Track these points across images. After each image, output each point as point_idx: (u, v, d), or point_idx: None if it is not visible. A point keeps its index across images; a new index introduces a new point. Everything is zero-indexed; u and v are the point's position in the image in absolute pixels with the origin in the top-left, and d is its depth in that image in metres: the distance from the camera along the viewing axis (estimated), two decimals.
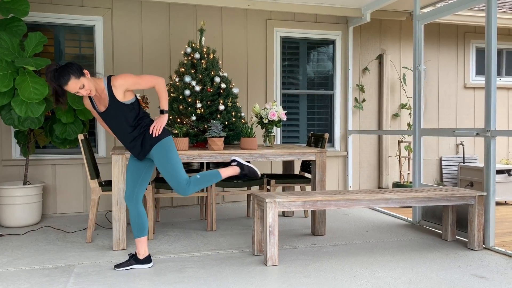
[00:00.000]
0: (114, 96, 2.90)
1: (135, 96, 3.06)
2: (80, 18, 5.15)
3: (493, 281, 2.92)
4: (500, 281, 2.91)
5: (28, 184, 4.60)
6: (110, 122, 3.03)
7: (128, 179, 3.19)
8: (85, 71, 2.85)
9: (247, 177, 3.41)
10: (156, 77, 3.01)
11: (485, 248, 3.69)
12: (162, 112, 3.06)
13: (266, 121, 4.21)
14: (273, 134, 4.34)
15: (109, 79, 2.91)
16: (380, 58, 6.40)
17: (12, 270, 3.14)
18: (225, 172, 3.26)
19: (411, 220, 4.70)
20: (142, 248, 3.19)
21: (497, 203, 5.96)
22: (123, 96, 2.92)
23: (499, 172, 5.85)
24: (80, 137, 3.86)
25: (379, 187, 6.46)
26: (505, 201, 6.06)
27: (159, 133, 3.02)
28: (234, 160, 3.35)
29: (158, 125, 3.01)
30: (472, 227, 3.65)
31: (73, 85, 2.78)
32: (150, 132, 3.01)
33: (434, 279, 2.94)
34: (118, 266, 3.14)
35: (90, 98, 3.04)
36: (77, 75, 2.79)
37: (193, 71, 4.44)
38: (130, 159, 3.23)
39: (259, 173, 3.37)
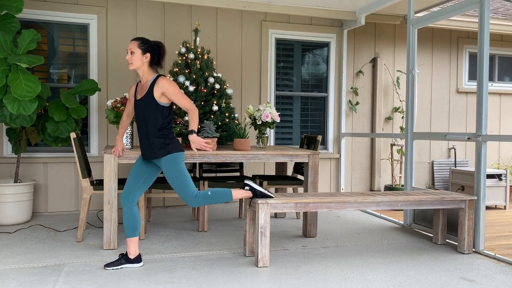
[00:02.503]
0: (152, 90, 3.05)
1: (171, 106, 3.13)
2: (74, 16, 5.12)
3: (482, 284, 2.94)
4: (488, 285, 2.93)
5: (19, 182, 4.57)
6: (138, 112, 3.12)
7: (129, 179, 3.20)
8: (148, 55, 3.06)
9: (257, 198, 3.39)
10: (194, 105, 3.10)
11: (474, 251, 3.72)
12: (191, 132, 3.05)
13: (260, 122, 4.22)
14: (267, 135, 4.35)
15: (158, 76, 3.08)
16: (374, 61, 6.43)
17: (1, 269, 3.12)
18: (237, 195, 3.28)
19: (402, 223, 4.72)
20: (133, 248, 3.18)
21: (488, 207, 6.00)
22: (159, 95, 3.04)
23: (490, 176, 5.90)
24: (72, 135, 3.84)
25: (371, 190, 6.49)
26: (496, 206, 6.11)
27: (210, 148, 3.08)
28: (247, 185, 3.34)
29: (201, 143, 3.04)
30: (462, 231, 3.68)
31: (132, 45, 3.05)
32: (203, 149, 3.07)
33: (423, 282, 2.96)
34: (108, 265, 3.13)
35: (136, 85, 3.22)
36: (142, 45, 3.05)
37: (187, 71, 4.44)
38: (137, 160, 3.24)
39: (272, 195, 3.35)
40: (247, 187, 3.32)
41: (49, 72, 5.16)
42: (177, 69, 4.47)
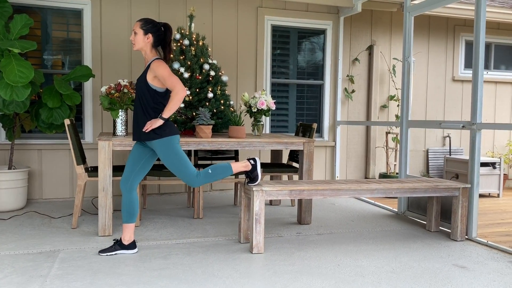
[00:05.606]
0: (146, 73, 3.06)
1: (166, 90, 3.07)
2: (67, 1, 5.05)
3: (473, 271, 2.97)
4: (480, 271, 2.96)
5: (13, 169, 4.55)
6: (135, 93, 3.14)
7: (128, 164, 3.19)
8: (150, 35, 3.06)
9: (248, 177, 3.37)
10: (181, 87, 2.98)
11: (467, 239, 3.75)
12: (161, 117, 3.00)
13: (255, 110, 4.21)
14: (262, 123, 4.34)
15: (154, 59, 3.07)
16: (370, 49, 6.41)
17: None
18: (237, 169, 3.25)
19: (396, 210, 4.75)
20: (128, 234, 3.19)
21: (481, 195, 6.05)
22: (152, 78, 3.03)
23: (484, 164, 5.93)
24: (67, 122, 3.81)
25: (366, 178, 6.52)
26: (489, 194, 6.16)
27: (147, 131, 3.01)
28: (254, 159, 3.30)
29: (150, 124, 3.00)
30: (455, 219, 3.71)
31: (135, 26, 3.08)
32: (144, 129, 3.02)
33: (416, 269, 2.99)
34: (102, 251, 3.14)
35: None
36: (144, 26, 3.06)
37: (182, 57, 4.41)
38: (134, 145, 3.23)
39: (256, 183, 3.33)
40: (252, 161, 3.29)
41: (43, 58, 5.10)
42: (171, 55, 4.44)
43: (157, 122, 3.00)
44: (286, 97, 6.08)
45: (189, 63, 4.36)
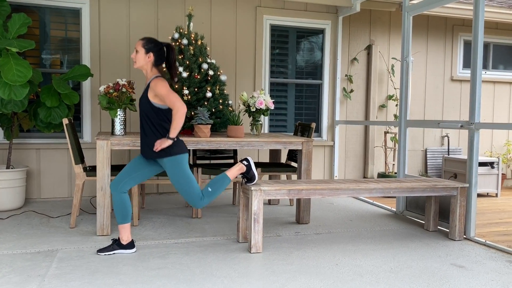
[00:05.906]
0: (147, 91, 3.06)
1: (170, 109, 3.06)
2: (66, 1, 5.04)
3: (471, 270, 2.98)
4: (478, 271, 2.97)
5: (12, 168, 4.54)
6: (140, 110, 3.14)
7: (126, 168, 3.17)
8: (151, 55, 3.05)
9: (245, 178, 3.36)
10: (180, 104, 2.96)
11: (465, 238, 3.76)
12: (168, 137, 3.01)
13: (254, 110, 4.20)
14: (261, 122, 4.33)
15: (154, 77, 3.05)
16: (369, 48, 6.41)
17: None
18: (233, 174, 3.25)
19: (395, 210, 4.76)
20: (125, 234, 3.18)
21: (479, 195, 6.06)
22: (153, 96, 3.03)
23: (482, 164, 5.94)
24: (65, 121, 3.81)
25: (364, 177, 6.52)
26: (487, 193, 6.17)
27: (158, 150, 3.03)
28: (246, 160, 3.29)
29: (159, 144, 3.00)
30: (453, 218, 3.71)
31: (137, 44, 3.09)
32: (154, 149, 3.03)
33: (414, 268, 2.99)
34: (101, 250, 3.14)
35: None
36: (146, 45, 3.06)
37: (180, 57, 4.40)
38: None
39: (253, 182, 3.33)
40: (245, 162, 3.29)
41: (41, 57, 5.09)
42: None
43: (166, 143, 3.00)
44: (285, 96, 6.08)
45: (187, 62, 4.36)
